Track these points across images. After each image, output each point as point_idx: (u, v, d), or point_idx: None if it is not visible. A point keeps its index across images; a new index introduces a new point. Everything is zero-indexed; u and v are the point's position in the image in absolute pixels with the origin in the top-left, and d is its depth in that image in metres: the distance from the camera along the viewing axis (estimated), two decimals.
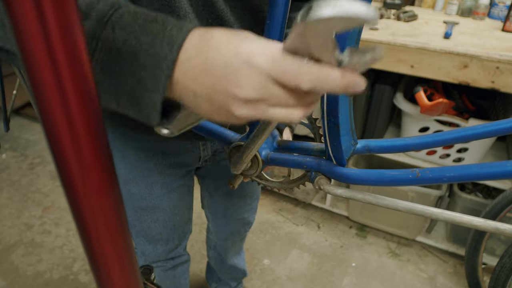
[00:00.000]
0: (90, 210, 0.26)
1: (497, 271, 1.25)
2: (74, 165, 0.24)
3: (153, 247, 0.96)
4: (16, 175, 2.16)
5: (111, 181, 0.27)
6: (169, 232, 0.94)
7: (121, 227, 0.29)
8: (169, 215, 0.91)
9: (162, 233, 0.93)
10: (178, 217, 0.93)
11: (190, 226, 1.03)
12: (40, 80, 0.20)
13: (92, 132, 0.23)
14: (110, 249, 0.28)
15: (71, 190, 0.25)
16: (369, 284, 1.56)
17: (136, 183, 0.83)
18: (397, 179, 0.47)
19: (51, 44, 0.19)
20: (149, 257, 0.99)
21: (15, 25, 0.19)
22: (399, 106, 1.43)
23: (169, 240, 0.96)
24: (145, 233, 0.92)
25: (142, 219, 0.89)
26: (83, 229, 0.27)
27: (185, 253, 1.09)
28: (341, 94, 0.47)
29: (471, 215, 0.44)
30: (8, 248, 1.71)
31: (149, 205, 0.87)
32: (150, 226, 0.91)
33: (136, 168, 0.82)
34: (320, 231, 1.80)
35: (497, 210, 1.29)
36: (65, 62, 0.20)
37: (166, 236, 0.94)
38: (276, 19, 0.49)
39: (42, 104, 0.22)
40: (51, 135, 0.23)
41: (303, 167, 0.56)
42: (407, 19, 1.50)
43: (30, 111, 2.67)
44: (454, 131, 0.48)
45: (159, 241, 0.95)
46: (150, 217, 0.89)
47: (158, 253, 0.97)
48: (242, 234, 1.16)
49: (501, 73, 1.17)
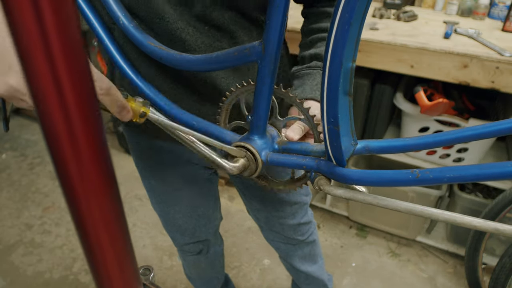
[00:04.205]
0: (88, 210, 0.26)
1: (497, 271, 1.25)
2: (72, 165, 0.24)
3: (181, 235, 1.01)
4: (16, 175, 2.16)
5: (110, 181, 0.27)
6: (195, 222, 0.98)
7: (120, 228, 0.29)
8: (191, 206, 0.94)
9: (187, 223, 0.97)
10: (202, 208, 0.96)
11: (217, 214, 1.04)
12: (37, 79, 0.20)
13: (90, 132, 0.23)
14: (109, 250, 0.28)
15: (69, 190, 0.25)
16: (369, 284, 1.56)
17: (154, 177, 0.89)
18: (397, 180, 0.47)
19: (48, 41, 0.19)
20: (178, 243, 1.05)
21: (12, 24, 0.19)
22: (399, 106, 1.43)
23: (196, 228, 0.99)
24: (171, 223, 0.98)
25: (165, 211, 0.95)
26: (82, 230, 0.27)
27: (217, 237, 1.13)
28: (341, 95, 0.47)
29: (471, 215, 0.44)
30: (8, 248, 1.71)
31: (169, 198, 0.92)
32: (175, 217, 0.96)
33: (151, 165, 0.87)
34: (320, 231, 1.80)
35: (497, 210, 1.29)
36: (63, 60, 0.20)
37: (192, 225, 0.98)
38: (275, 19, 0.49)
39: (40, 104, 0.21)
40: (49, 136, 0.23)
41: (303, 167, 0.56)
42: (407, 19, 1.50)
43: (30, 111, 2.67)
44: (454, 131, 0.48)
45: (186, 230, 0.99)
46: (173, 209, 0.94)
47: (186, 239, 1.02)
48: (296, 239, 1.05)
49: (501, 73, 1.16)
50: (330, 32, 0.43)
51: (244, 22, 0.67)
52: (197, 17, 0.63)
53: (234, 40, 0.68)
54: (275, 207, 0.95)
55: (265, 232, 1.07)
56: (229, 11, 0.64)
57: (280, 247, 1.09)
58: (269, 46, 0.51)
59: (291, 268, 1.17)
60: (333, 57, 0.44)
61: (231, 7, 0.64)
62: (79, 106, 0.22)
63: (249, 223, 1.83)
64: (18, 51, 0.20)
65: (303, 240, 1.05)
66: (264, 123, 0.58)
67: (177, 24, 0.63)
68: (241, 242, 1.75)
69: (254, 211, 1.01)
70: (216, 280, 1.25)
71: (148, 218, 1.86)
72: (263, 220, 1.01)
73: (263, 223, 1.02)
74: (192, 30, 0.64)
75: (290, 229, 1.01)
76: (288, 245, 1.07)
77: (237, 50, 0.54)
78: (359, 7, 0.41)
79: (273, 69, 0.53)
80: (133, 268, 0.31)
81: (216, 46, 0.66)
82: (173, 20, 0.62)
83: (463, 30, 1.37)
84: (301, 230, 1.03)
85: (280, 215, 0.97)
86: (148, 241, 1.75)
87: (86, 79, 0.22)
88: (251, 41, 0.70)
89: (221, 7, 0.63)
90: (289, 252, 1.09)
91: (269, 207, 0.96)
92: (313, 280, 1.18)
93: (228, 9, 0.64)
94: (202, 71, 0.65)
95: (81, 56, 0.21)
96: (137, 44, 0.63)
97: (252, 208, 1.00)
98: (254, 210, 1.00)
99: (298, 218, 0.99)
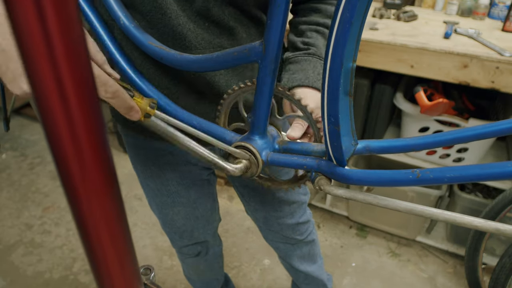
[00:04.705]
0: (90, 209, 0.26)
1: (497, 271, 1.25)
2: (74, 164, 0.24)
3: (179, 237, 1.00)
4: (16, 175, 2.16)
5: (112, 180, 0.27)
6: (193, 223, 0.97)
7: (121, 227, 0.29)
8: (189, 208, 0.94)
9: (186, 225, 0.97)
10: (200, 209, 0.96)
11: (216, 215, 1.04)
12: (39, 79, 0.20)
13: (92, 131, 0.23)
14: (110, 250, 0.28)
15: (71, 190, 0.25)
16: (369, 284, 1.56)
17: (153, 179, 0.89)
18: (398, 180, 0.47)
19: (50, 40, 0.19)
20: (177, 245, 1.04)
21: (14, 25, 0.19)
22: (399, 106, 1.43)
23: (194, 230, 0.99)
24: (170, 224, 0.97)
25: (164, 213, 0.95)
26: (83, 229, 0.27)
27: (216, 238, 1.12)
28: (341, 95, 0.47)
29: (471, 215, 0.44)
30: (8, 248, 1.71)
31: (168, 200, 0.91)
32: (173, 218, 0.95)
33: (150, 166, 0.87)
34: (320, 231, 1.80)
35: (497, 210, 1.29)
36: (65, 61, 0.20)
37: (191, 227, 0.98)
38: (276, 19, 0.49)
39: (42, 102, 0.22)
40: (50, 135, 0.23)
41: (303, 167, 0.56)
42: (407, 19, 1.50)
43: (30, 111, 2.67)
44: (454, 131, 0.48)
45: (184, 232, 0.99)
46: (171, 210, 0.93)
47: (185, 241, 1.02)
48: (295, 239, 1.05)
49: (501, 73, 1.17)
50: (331, 32, 0.43)
51: (243, 18, 0.69)
52: (198, 12, 0.64)
53: (233, 37, 0.69)
54: (273, 207, 0.95)
55: (264, 232, 1.07)
56: (229, 7, 0.66)
57: (279, 246, 1.09)
58: (270, 46, 0.51)
59: (290, 268, 1.17)
60: (333, 57, 0.44)
61: (231, 3, 0.65)
62: (81, 106, 0.22)
63: (249, 223, 1.83)
64: (20, 52, 0.20)
65: (302, 239, 1.05)
66: (264, 123, 0.58)
67: (179, 19, 0.64)
68: (241, 242, 1.75)
69: (253, 211, 1.01)
70: (216, 282, 1.25)
71: (148, 218, 1.86)
72: (262, 220, 1.01)
73: (262, 223, 1.02)
74: (193, 26, 0.65)
75: (289, 229, 1.01)
76: (287, 244, 1.07)
77: (237, 50, 0.54)
78: (360, 6, 0.41)
79: (273, 69, 0.53)
80: (134, 267, 0.31)
81: (216, 43, 0.67)
82: (175, 15, 0.63)
83: (463, 30, 1.37)
84: (300, 229, 1.03)
85: (279, 215, 0.97)
86: (148, 241, 1.75)
87: (88, 79, 0.22)
88: (249, 38, 0.71)
89: (221, 3, 0.64)
90: (288, 252, 1.09)
91: (267, 207, 0.96)
92: (313, 280, 1.18)
93: (228, 5, 0.65)
94: (202, 71, 0.65)
95: (83, 57, 0.21)
96: (137, 44, 0.63)
97: (251, 208, 1.00)
98: (252, 210, 1.00)
99: (297, 218, 0.99)
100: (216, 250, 1.14)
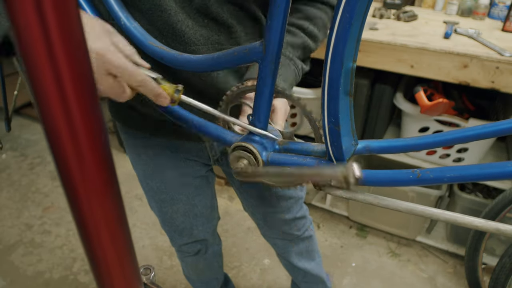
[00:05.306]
0: (90, 209, 0.26)
1: (497, 271, 1.25)
2: (74, 164, 0.24)
3: (179, 235, 1.01)
4: (16, 175, 2.16)
5: (112, 180, 0.27)
6: (192, 221, 0.98)
7: (121, 227, 0.29)
8: (189, 205, 0.95)
9: (185, 222, 0.97)
10: (199, 207, 0.97)
11: (215, 213, 1.05)
12: (39, 76, 0.20)
13: (92, 131, 0.23)
14: (110, 249, 0.28)
15: (71, 190, 0.25)
16: (369, 284, 1.56)
17: (153, 178, 0.90)
18: (398, 180, 0.47)
19: (50, 38, 0.19)
20: (176, 243, 1.05)
21: (13, 22, 0.19)
22: (399, 106, 1.43)
23: (193, 227, 1.00)
24: (169, 222, 0.98)
25: (163, 211, 0.96)
26: (83, 229, 0.27)
27: (215, 237, 1.12)
28: (341, 95, 0.47)
29: (471, 215, 0.44)
30: (8, 248, 1.71)
31: (167, 197, 0.92)
32: (173, 217, 0.96)
33: (149, 165, 0.88)
34: (320, 231, 1.80)
35: (497, 210, 1.29)
36: (65, 60, 0.20)
37: (190, 224, 0.98)
38: (276, 19, 0.49)
39: (42, 101, 0.22)
40: (51, 135, 0.23)
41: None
42: (407, 19, 1.50)
43: (30, 111, 2.68)
44: (454, 131, 0.48)
45: (184, 230, 0.99)
46: (170, 208, 0.94)
47: (184, 239, 1.02)
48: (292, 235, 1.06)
49: (501, 73, 1.17)
50: (331, 32, 0.43)
51: (242, 16, 0.69)
52: (197, 9, 0.65)
53: (231, 34, 0.69)
54: (271, 203, 0.96)
55: (262, 229, 1.08)
56: (228, 4, 0.66)
57: (277, 243, 1.09)
58: (270, 46, 0.51)
59: (289, 265, 1.17)
60: (333, 57, 0.44)
61: (229, 0, 0.66)
62: (81, 106, 0.22)
63: (249, 223, 1.83)
64: (20, 52, 0.20)
65: (299, 235, 1.06)
66: (265, 123, 0.58)
67: (178, 16, 0.64)
68: (241, 242, 1.75)
69: (251, 208, 1.01)
70: (215, 281, 1.25)
71: (148, 218, 1.86)
72: (260, 216, 1.02)
73: (260, 219, 1.03)
74: (192, 22, 0.65)
75: (286, 224, 1.02)
76: (285, 240, 1.07)
77: (237, 50, 0.54)
78: (360, 7, 0.41)
79: (274, 69, 0.53)
80: (134, 267, 0.31)
81: (214, 39, 0.68)
82: (174, 12, 0.64)
83: (463, 30, 1.37)
84: (297, 225, 1.04)
85: (276, 210, 0.98)
86: (148, 241, 1.75)
87: (88, 79, 0.22)
88: (248, 36, 0.71)
89: (220, 0, 0.65)
90: (286, 248, 1.10)
91: (265, 203, 0.97)
92: (311, 277, 1.19)
93: (227, 2, 0.66)
94: (203, 71, 0.65)
95: (83, 55, 0.21)
96: (138, 44, 0.63)
97: (249, 205, 1.01)
98: (250, 207, 1.01)
99: (294, 213, 1.00)
100: (216, 249, 1.14)
